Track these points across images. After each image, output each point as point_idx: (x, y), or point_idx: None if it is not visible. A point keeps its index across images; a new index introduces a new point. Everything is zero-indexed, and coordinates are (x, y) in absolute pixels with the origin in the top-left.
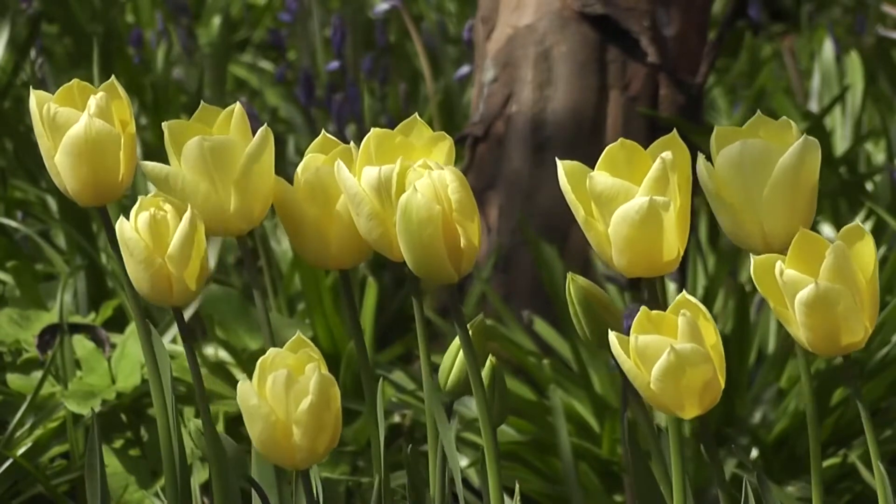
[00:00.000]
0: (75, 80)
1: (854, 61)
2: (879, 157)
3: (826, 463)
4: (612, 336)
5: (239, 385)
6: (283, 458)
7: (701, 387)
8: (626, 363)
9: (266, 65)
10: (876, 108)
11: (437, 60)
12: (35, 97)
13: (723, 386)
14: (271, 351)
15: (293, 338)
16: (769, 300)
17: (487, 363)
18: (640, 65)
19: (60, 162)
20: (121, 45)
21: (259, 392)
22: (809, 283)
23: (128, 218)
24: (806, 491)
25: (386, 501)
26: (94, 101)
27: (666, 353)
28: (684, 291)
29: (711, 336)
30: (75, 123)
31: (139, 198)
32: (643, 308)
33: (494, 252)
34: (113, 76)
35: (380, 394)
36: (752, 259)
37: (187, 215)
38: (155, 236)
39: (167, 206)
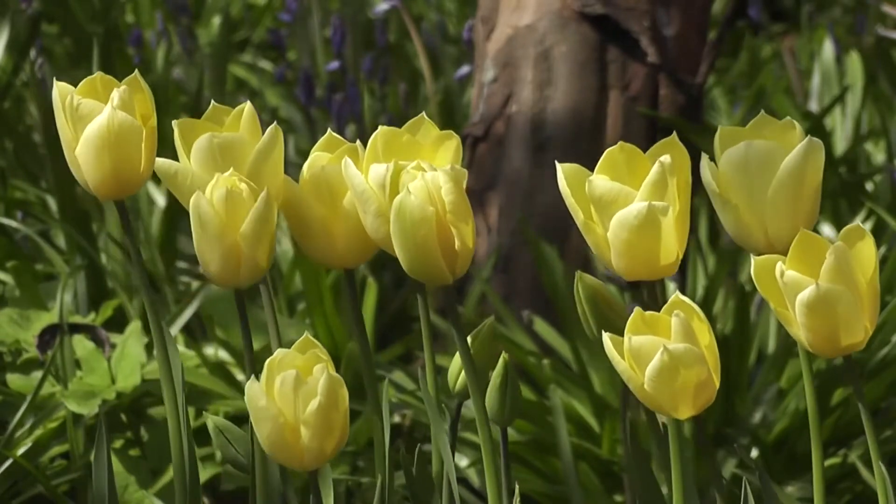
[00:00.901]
0: (98, 73)
1: (854, 61)
2: (879, 157)
3: (826, 463)
4: (606, 337)
5: (247, 386)
6: (291, 459)
7: (695, 387)
8: (621, 364)
9: (266, 65)
10: (876, 108)
11: (437, 60)
12: (57, 88)
13: (717, 386)
14: (279, 352)
15: (301, 338)
16: (769, 301)
17: (500, 361)
18: (640, 65)
19: (82, 154)
20: (121, 45)
21: (267, 393)
22: (810, 285)
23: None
24: (806, 491)
25: (388, 502)
26: (117, 94)
27: (659, 353)
28: (677, 292)
29: (706, 336)
30: (98, 115)
31: (216, 176)
32: (637, 309)
33: (494, 252)
34: (136, 71)
35: (385, 393)
36: (753, 259)
37: (263, 194)
38: (230, 212)
39: (243, 185)
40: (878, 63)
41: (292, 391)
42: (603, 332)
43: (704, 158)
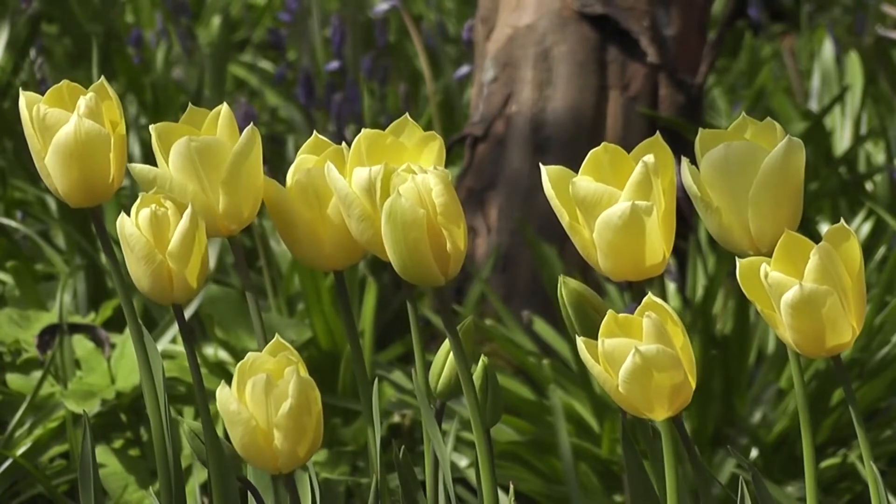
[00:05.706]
0: (65, 81)
1: (854, 61)
2: (879, 157)
3: (826, 463)
4: (580, 341)
5: (218, 391)
6: (265, 462)
7: (669, 388)
8: (595, 367)
9: (266, 65)
10: (876, 108)
11: (437, 60)
12: (24, 98)
13: (693, 386)
14: (250, 355)
15: (272, 341)
16: (755, 303)
17: (479, 363)
18: (640, 65)
19: (51, 163)
20: (121, 45)
21: (239, 397)
22: (794, 285)
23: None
24: (806, 491)
25: (384, 502)
26: (83, 102)
27: (631, 354)
28: (649, 294)
29: (679, 338)
30: (65, 124)
31: (140, 195)
32: (610, 311)
33: (494, 252)
34: (103, 77)
35: (376, 395)
36: (738, 262)
37: (188, 212)
38: (156, 232)
39: (168, 203)
40: (878, 63)
41: (263, 395)
42: (578, 336)
43: (685, 162)
